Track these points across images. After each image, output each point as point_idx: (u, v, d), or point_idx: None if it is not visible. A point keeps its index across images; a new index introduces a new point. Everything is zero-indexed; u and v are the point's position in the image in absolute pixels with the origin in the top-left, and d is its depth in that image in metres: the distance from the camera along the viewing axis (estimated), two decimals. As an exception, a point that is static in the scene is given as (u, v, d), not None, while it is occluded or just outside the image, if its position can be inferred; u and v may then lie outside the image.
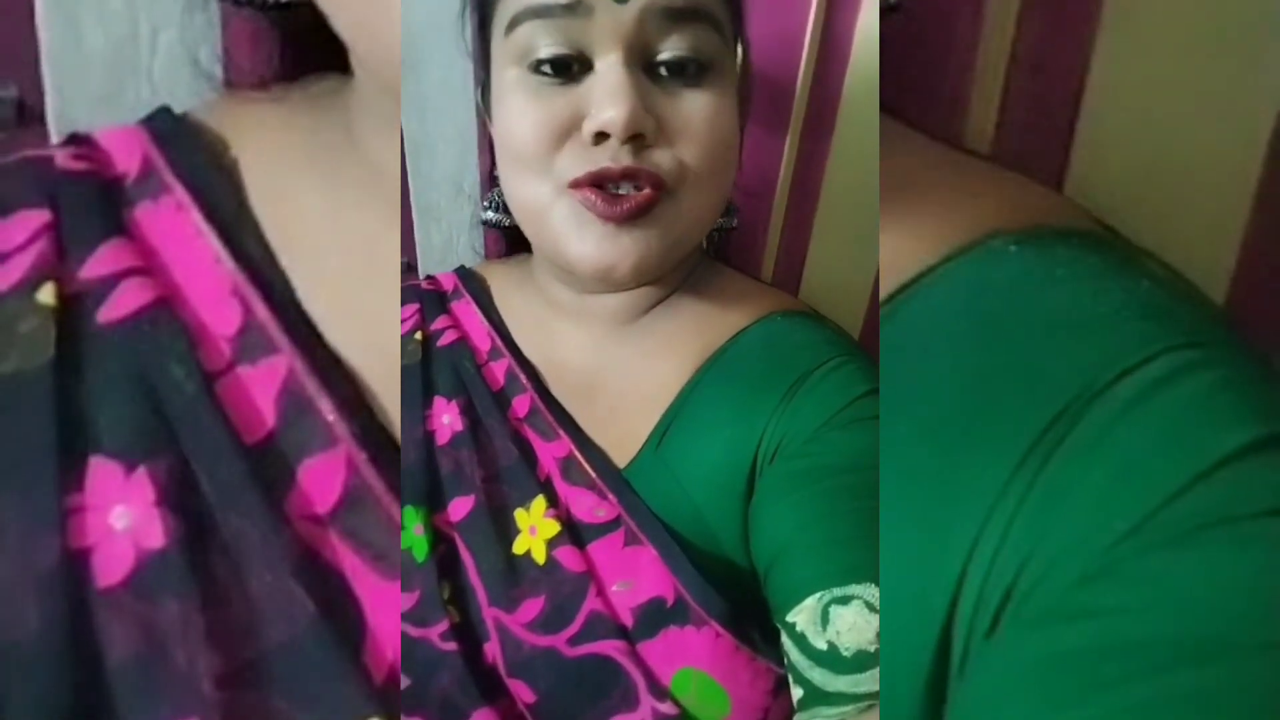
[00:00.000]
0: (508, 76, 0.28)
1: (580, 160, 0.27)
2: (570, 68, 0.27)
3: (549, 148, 0.27)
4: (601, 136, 0.26)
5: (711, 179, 0.28)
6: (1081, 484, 0.17)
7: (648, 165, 0.27)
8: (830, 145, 0.41)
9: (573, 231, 0.27)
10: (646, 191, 0.27)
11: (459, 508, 0.30)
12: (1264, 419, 0.17)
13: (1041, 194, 0.24)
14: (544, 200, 0.28)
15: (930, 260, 0.21)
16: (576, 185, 0.27)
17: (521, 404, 0.32)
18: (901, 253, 0.22)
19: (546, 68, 0.27)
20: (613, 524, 0.29)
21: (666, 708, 0.26)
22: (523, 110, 0.27)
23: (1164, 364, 0.18)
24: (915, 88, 0.27)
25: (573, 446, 0.31)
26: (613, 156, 0.26)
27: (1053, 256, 0.21)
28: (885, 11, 0.26)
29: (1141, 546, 0.16)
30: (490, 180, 0.32)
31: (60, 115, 0.30)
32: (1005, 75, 0.28)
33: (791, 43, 0.39)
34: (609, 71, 0.26)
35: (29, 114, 0.23)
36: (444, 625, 0.27)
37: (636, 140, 0.26)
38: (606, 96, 0.26)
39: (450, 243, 0.45)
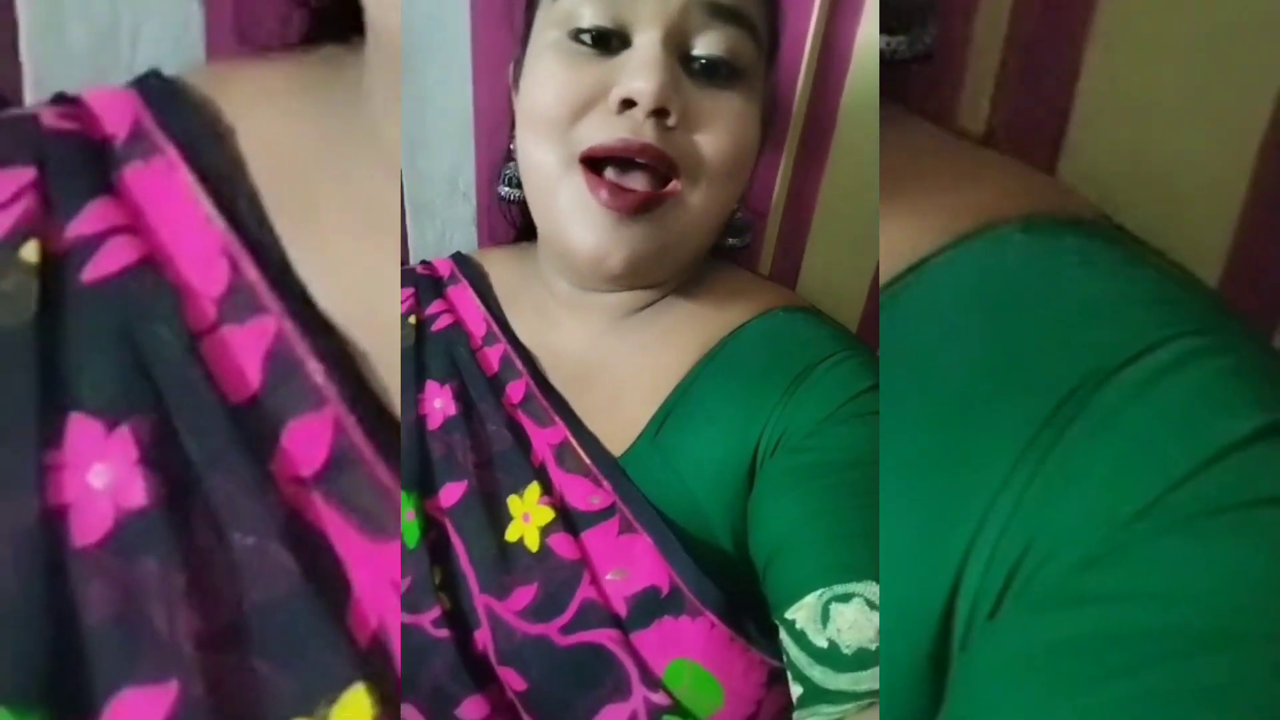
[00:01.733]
0: (546, 38, 0.28)
1: (601, 128, 0.27)
2: (609, 41, 0.27)
3: (572, 114, 0.27)
4: (627, 104, 0.27)
5: (722, 180, 0.29)
6: (1087, 468, 0.17)
7: (668, 147, 0.27)
8: (830, 142, 0.41)
9: (575, 214, 0.28)
10: (654, 188, 0.27)
11: (450, 493, 0.29)
12: (1271, 406, 0.16)
13: (1046, 182, 0.23)
14: (555, 172, 0.28)
15: (934, 247, 0.21)
16: (591, 157, 0.27)
17: (516, 389, 0.32)
18: (904, 240, 0.22)
19: (586, 37, 0.27)
20: (607, 512, 0.29)
21: (659, 698, 0.25)
22: (553, 73, 0.28)
23: (1172, 350, 0.17)
24: (909, 81, 0.27)
25: (568, 433, 0.30)
26: (634, 128, 0.27)
27: (1059, 244, 0.20)
28: (919, 59, 0.25)
29: (1146, 532, 0.16)
30: (508, 154, 0.33)
31: (40, 109, 0.29)
32: (999, 65, 0.28)
33: (793, 41, 0.39)
34: (646, 47, 0.27)
35: (8, 109, 0.23)
36: (436, 612, 0.27)
37: (660, 116, 0.27)
38: (639, 68, 0.26)
39: (444, 240, 0.45)
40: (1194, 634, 0.14)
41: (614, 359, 0.32)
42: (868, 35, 0.38)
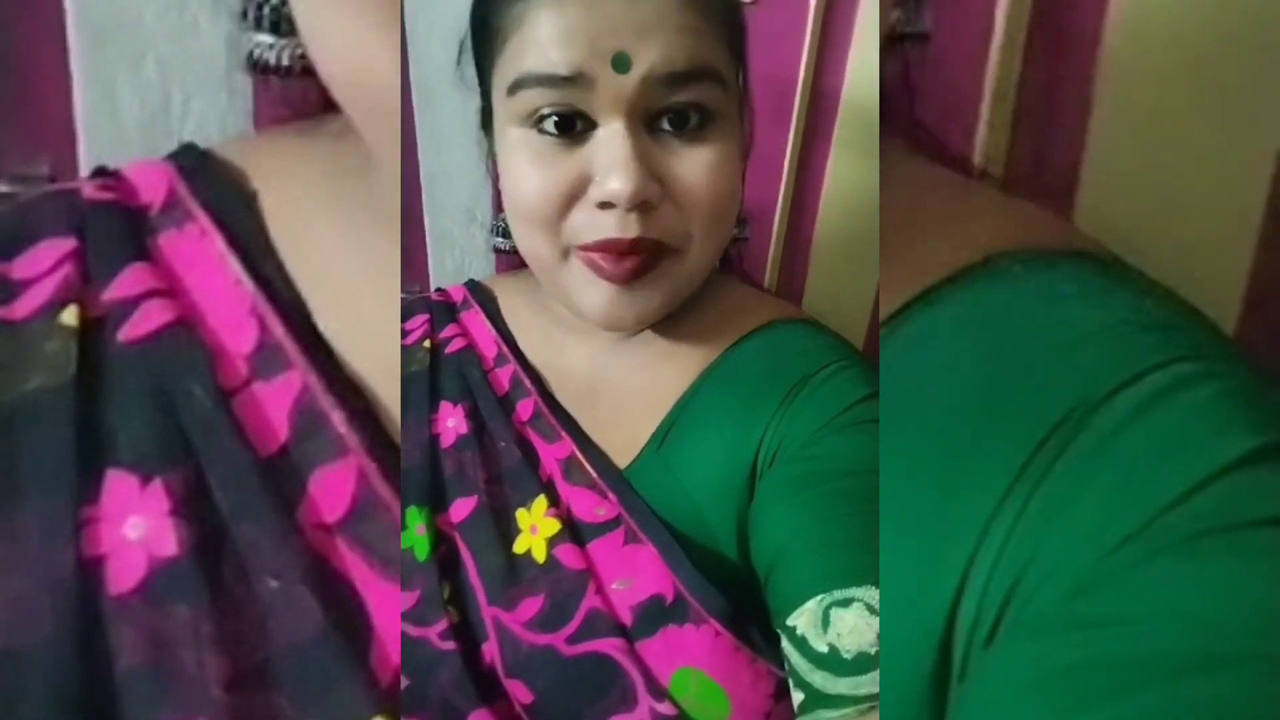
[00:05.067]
0: (512, 135, 0.28)
1: (589, 226, 0.27)
2: (574, 126, 0.27)
3: (557, 211, 0.27)
4: (608, 204, 0.27)
5: (715, 232, 0.29)
6: (1081, 493, 0.17)
7: (654, 233, 0.27)
8: (826, 169, 0.41)
9: (581, 288, 0.29)
10: (646, 262, 0.28)
11: (461, 508, 0.30)
12: (1264, 429, 0.17)
13: (1043, 217, 0.24)
14: (553, 258, 0.29)
15: (933, 281, 0.21)
16: (585, 248, 0.27)
17: (525, 408, 0.33)
18: (904, 275, 0.22)
19: (550, 125, 0.27)
20: (613, 523, 0.29)
21: (665, 708, 0.26)
22: (528, 172, 0.27)
23: (1166, 375, 0.18)
24: (925, 125, 0.27)
25: (574, 447, 0.31)
26: (619, 225, 0.27)
27: (1055, 274, 0.21)
28: (913, 38, 0.25)
29: (1138, 555, 0.16)
30: (498, 206, 0.33)
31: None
32: (1015, 110, 0.28)
33: (788, 72, 0.39)
34: (613, 139, 0.26)
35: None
36: (443, 625, 0.28)
37: (643, 205, 0.27)
38: (612, 167, 0.26)
39: (462, 268, 0.46)
40: (1186, 657, 0.14)
41: (618, 376, 0.33)
42: (863, 50, 0.38)
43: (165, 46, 0.31)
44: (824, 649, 0.23)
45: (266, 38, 0.24)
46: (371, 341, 0.23)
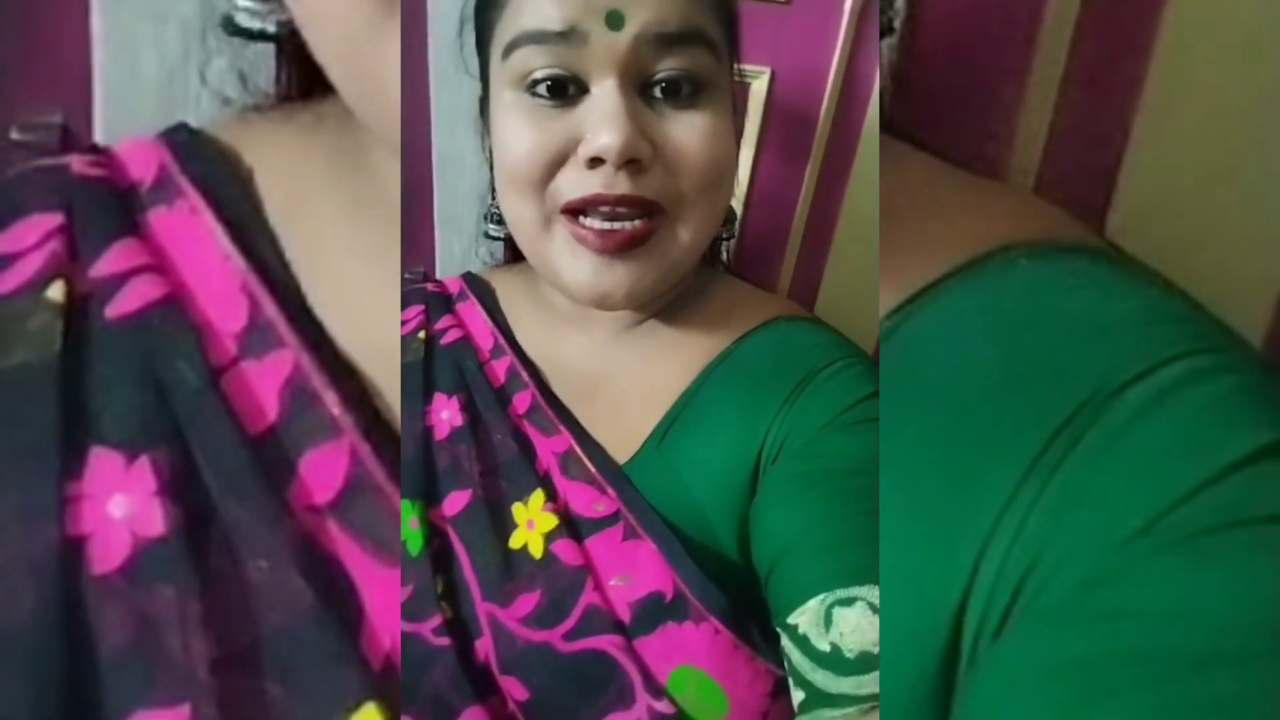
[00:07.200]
0: (505, 99, 0.28)
1: (576, 184, 0.27)
2: (566, 90, 0.27)
3: (546, 172, 0.27)
4: (597, 161, 0.26)
5: (707, 201, 0.28)
6: (1095, 485, 0.17)
7: (644, 192, 0.27)
8: (849, 174, 0.41)
9: (567, 259, 0.28)
10: (639, 224, 0.27)
11: (455, 502, 0.30)
12: (1276, 425, 0.16)
13: (1049, 210, 0.24)
14: (539, 224, 0.28)
15: (941, 272, 0.21)
16: (570, 210, 0.27)
17: (522, 400, 0.32)
18: (909, 267, 0.22)
19: (543, 89, 0.27)
20: (611, 518, 0.29)
21: (663, 706, 0.26)
22: (519, 133, 0.27)
23: (1181, 368, 0.17)
24: (957, 136, 0.27)
25: (573, 442, 0.31)
26: (607, 182, 0.26)
27: (1065, 267, 0.21)
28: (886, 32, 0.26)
29: (1150, 549, 0.16)
30: (492, 190, 0.33)
31: (107, 141, 0.30)
32: (1050, 126, 0.27)
33: (818, 73, 0.39)
34: (604, 96, 0.26)
35: (74, 142, 0.24)
36: (437, 620, 0.27)
37: (632, 165, 0.26)
38: (602, 122, 0.26)
39: (470, 253, 0.46)
40: (1196, 652, 0.14)
41: (618, 370, 0.33)
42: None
43: (188, 7, 0.30)
44: (826, 648, 0.23)
45: (247, 2, 0.23)
46: (368, 323, 0.23)
